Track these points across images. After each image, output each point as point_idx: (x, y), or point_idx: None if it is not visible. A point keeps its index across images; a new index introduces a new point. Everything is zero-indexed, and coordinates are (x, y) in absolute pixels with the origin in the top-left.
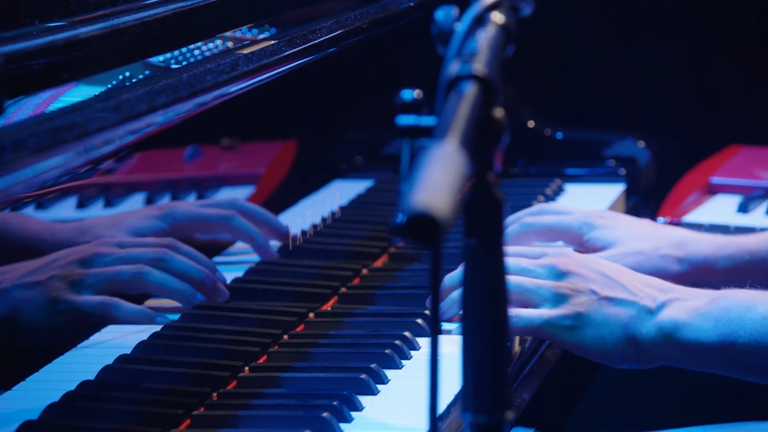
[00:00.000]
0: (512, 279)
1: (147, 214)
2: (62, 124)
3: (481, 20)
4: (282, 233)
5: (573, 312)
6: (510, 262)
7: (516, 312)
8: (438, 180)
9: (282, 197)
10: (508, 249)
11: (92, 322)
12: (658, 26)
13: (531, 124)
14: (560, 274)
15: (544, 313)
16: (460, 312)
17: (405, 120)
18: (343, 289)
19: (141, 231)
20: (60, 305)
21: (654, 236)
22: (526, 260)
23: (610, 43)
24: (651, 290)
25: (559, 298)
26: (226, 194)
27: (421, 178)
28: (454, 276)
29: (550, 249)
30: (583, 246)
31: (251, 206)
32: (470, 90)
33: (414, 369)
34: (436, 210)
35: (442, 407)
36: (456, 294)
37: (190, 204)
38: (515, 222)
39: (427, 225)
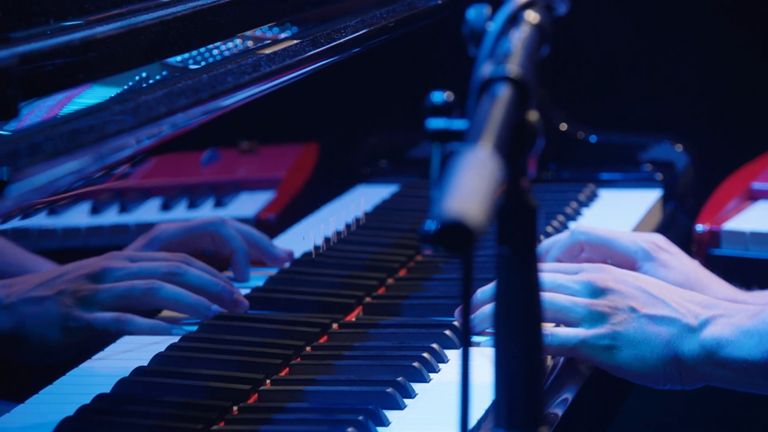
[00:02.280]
0: (547, 296)
1: (135, 247)
2: (79, 128)
3: (514, 19)
4: (274, 256)
5: (611, 331)
6: (545, 277)
7: (551, 330)
8: (471, 186)
9: (303, 203)
10: (544, 265)
11: (105, 338)
12: (697, 25)
13: (563, 126)
14: (598, 291)
15: (580, 332)
16: (492, 329)
17: (435, 123)
18: (367, 299)
19: None
20: (70, 322)
21: (701, 291)
22: (562, 276)
23: (646, 41)
24: (694, 306)
25: (597, 317)
26: (245, 199)
27: (453, 184)
28: (486, 290)
29: (587, 264)
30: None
31: (242, 226)
32: (504, 92)
33: (442, 383)
34: (470, 217)
35: (472, 422)
36: (488, 309)
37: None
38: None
39: (459, 233)
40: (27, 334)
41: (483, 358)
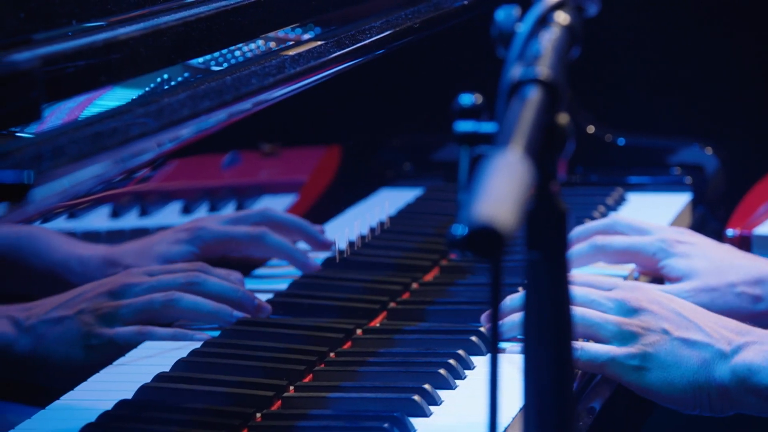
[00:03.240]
0: (579, 311)
1: (175, 238)
2: (102, 130)
3: (544, 21)
4: (319, 242)
5: (641, 352)
6: (577, 292)
7: (580, 345)
8: (501, 190)
9: (326, 206)
10: (576, 277)
11: (124, 353)
12: (725, 24)
13: (591, 129)
14: (631, 311)
15: (610, 350)
16: (520, 336)
17: (464, 126)
18: (392, 304)
19: (171, 257)
20: (93, 340)
21: (731, 270)
22: (595, 292)
23: (676, 42)
24: (727, 333)
25: (628, 336)
26: (267, 203)
27: (483, 188)
28: (516, 298)
29: (622, 281)
30: (658, 272)
31: (284, 216)
32: (534, 95)
33: (468, 389)
34: (500, 222)
35: (500, 430)
36: (517, 317)
37: (218, 223)
38: (584, 239)
39: (489, 238)
40: (49, 355)
41: (509, 365)
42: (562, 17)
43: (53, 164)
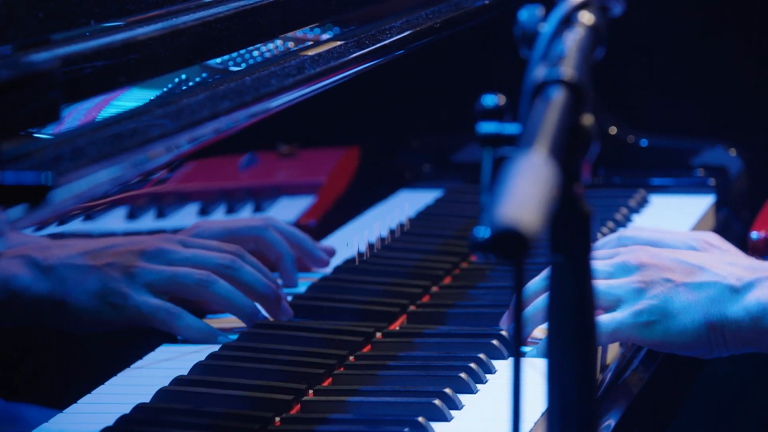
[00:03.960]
0: None
1: (171, 239)
2: (121, 131)
3: (568, 21)
4: (316, 258)
5: (648, 306)
6: None
7: None
8: (526, 192)
9: (345, 208)
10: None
11: (145, 324)
12: (752, 24)
13: (613, 130)
14: (631, 269)
15: (616, 315)
16: (533, 328)
17: (487, 127)
18: (412, 308)
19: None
20: (116, 298)
21: (749, 264)
22: (596, 262)
23: (698, 41)
24: (736, 270)
25: (632, 294)
26: (284, 204)
27: (507, 190)
28: (536, 282)
29: (623, 248)
30: None
31: (286, 227)
32: (558, 96)
33: (490, 393)
34: (524, 225)
35: None
36: (540, 301)
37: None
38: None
39: (514, 241)
40: (68, 301)
41: (531, 369)
42: (586, 17)
43: (72, 166)
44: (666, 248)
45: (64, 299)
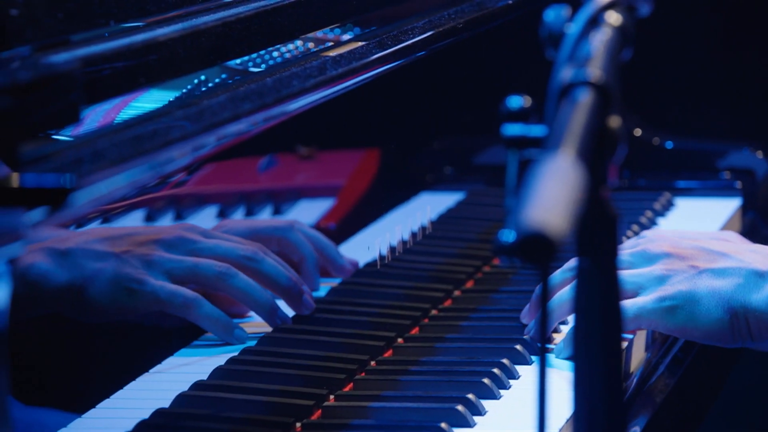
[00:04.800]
0: None
1: (194, 229)
2: (142, 133)
3: (595, 21)
4: (339, 266)
5: (671, 292)
6: None
7: None
8: (553, 195)
9: (365, 211)
10: None
11: (162, 310)
12: None
13: (638, 132)
14: (653, 257)
15: (638, 301)
16: (556, 321)
17: (512, 129)
18: (434, 312)
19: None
20: (134, 284)
21: None
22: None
23: (724, 41)
24: (761, 257)
25: (654, 281)
26: (304, 207)
27: (534, 193)
28: (558, 274)
29: (643, 239)
30: None
31: (311, 231)
32: (585, 97)
33: (513, 399)
34: (552, 228)
35: None
36: (565, 293)
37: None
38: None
39: (541, 244)
40: (86, 285)
41: (556, 375)
42: (613, 18)
43: (93, 168)
44: (686, 237)
45: (81, 285)
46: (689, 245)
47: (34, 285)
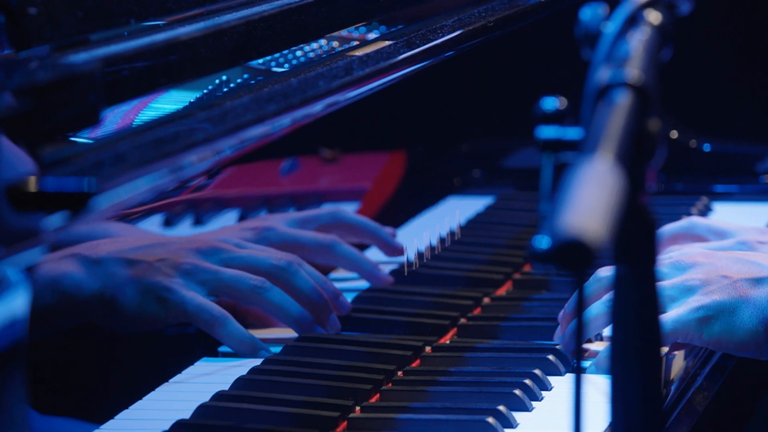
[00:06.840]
0: None
1: (240, 236)
2: (164, 136)
3: (634, 20)
4: (392, 247)
5: (703, 303)
6: None
7: None
8: (591, 201)
9: (390, 216)
10: None
11: (188, 322)
12: None
13: (674, 134)
14: (685, 268)
15: (671, 314)
16: (591, 334)
17: (547, 132)
18: (462, 320)
19: None
20: (166, 293)
21: None
22: None
23: (763, 42)
24: None
25: (686, 291)
26: None
27: (571, 198)
28: (591, 282)
29: (675, 252)
30: None
31: (355, 218)
32: (624, 99)
33: (546, 411)
34: (590, 235)
35: None
36: (600, 304)
37: (286, 223)
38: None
39: (578, 251)
40: (117, 293)
41: (590, 386)
42: (653, 16)
43: (114, 171)
44: (720, 250)
45: (113, 293)
46: (722, 255)
47: (67, 296)
